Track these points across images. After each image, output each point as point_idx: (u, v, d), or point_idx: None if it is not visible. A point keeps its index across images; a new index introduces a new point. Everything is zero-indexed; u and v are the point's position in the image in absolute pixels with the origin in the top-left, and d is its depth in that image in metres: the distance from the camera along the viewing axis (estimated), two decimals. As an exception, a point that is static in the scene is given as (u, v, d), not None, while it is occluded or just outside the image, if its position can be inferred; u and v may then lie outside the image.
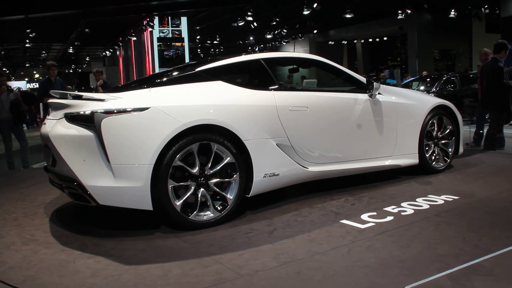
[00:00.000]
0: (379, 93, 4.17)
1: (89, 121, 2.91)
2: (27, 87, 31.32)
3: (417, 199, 3.63)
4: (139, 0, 13.55)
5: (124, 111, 2.92)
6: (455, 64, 20.94)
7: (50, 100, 3.30)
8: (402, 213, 3.30)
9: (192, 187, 3.12)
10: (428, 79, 11.75)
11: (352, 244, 2.71)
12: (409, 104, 4.38)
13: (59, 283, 2.29)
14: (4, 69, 25.68)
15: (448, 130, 4.69)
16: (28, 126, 16.89)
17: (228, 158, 3.22)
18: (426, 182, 4.22)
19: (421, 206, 3.47)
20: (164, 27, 15.62)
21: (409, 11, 16.29)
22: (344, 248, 2.64)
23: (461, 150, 4.84)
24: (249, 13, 14.75)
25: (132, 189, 2.89)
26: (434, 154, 4.60)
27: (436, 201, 3.57)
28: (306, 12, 14.70)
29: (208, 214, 3.17)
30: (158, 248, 2.77)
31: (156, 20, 15.24)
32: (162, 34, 15.69)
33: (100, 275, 2.38)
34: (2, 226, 3.29)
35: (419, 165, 4.46)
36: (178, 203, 3.04)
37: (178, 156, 3.01)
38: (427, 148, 4.55)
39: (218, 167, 3.19)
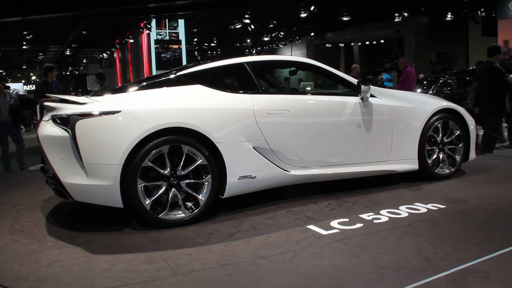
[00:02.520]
0: (373, 96, 4.06)
1: (67, 123, 3.16)
2: (24, 89, 31.69)
3: (400, 207, 3.50)
4: (136, 3, 13.52)
5: (97, 114, 3.13)
6: (452, 67, 21.22)
7: (46, 103, 3.60)
8: (375, 221, 3.20)
9: (163, 187, 3.26)
10: (425, 82, 11.62)
11: (301, 250, 2.70)
12: (407, 107, 4.20)
13: (16, 271, 2.53)
14: (0, 71, 25.85)
15: (456, 135, 4.43)
16: (25, 128, 17.08)
17: (200, 160, 3.32)
18: (421, 188, 4.05)
19: (400, 214, 3.34)
20: (162, 29, 15.60)
21: (406, 14, 16.33)
22: (290, 254, 2.64)
23: (472, 156, 4.55)
24: (246, 16, 14.76)
25: (103, 187, 3.09)
26: (439, 160, 4.38)
27: (419, 210, 3.43)
28: (303, 15, 14.76)
29: (179, 214, 3.29)
30: (120, 244, 2.94)
31: (153, 23, 15.20)
32: (159, 37, 15.66)
33: (55, 265, 2.59)
34: (2, 217, 3.65)
35: (420, 171, 4.27)
36: (148, 202, 3.19)
37: (148, 157, 3.16)
38: (430, 153, 4.35)
39: (190, 169, 3.31)
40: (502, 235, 2.80)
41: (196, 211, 3.33)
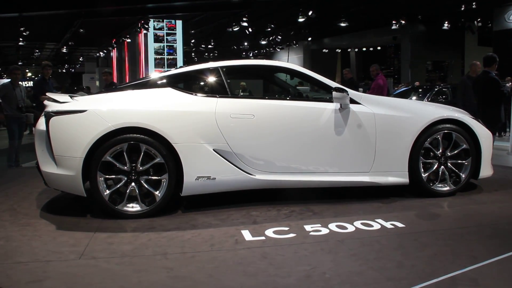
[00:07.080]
0: (357, 103, 3.84)
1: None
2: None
3: (355, 222, 3.31)
4: (134, 2, 13.50)
5: (67, 112, 3.55)
6: (447, 75, 20.53)
7: (46, 102, 4.14)
8: (312, 233, 3.09)
9: (123, 181, 3.56)
10: (420, 90, 11.28)
11: (206, 252, 2.77)
12: (397, 116, 3.87)
13: (-27, 240, 3.04)
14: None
15: (461, 149, 3.95)
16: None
17: (158, 158, 3.54)
18: (402, 204, 3.83)
19: (346, 229, 3.17)
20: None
21: (403, 22, 16.42)
22: (191, 254, 2.73)
23: (485, 173, 4.03)
24: (244, 19, 14.48)
25: (68, 177, 3.50)
26: (439, 175, 3.96)
27: (372, 226, 3.21)
28: (301, 20, 14.39)
29: (136, 207, 3.56)
30: (72, 227, 3.30)
31: (151, 23, 15.10)
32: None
33: (2, 240, 3.01)
34: (12, 197, 4.28)
35: (413, 186, 3.92)
36: (106, 193, 3.51)
37: (108, 152, 3.49)
38: (428, 167, 3.95)
39: (147, 166, 3.55)
40: (422, 264, 2.50)
41: (153, 206, 3.56)
